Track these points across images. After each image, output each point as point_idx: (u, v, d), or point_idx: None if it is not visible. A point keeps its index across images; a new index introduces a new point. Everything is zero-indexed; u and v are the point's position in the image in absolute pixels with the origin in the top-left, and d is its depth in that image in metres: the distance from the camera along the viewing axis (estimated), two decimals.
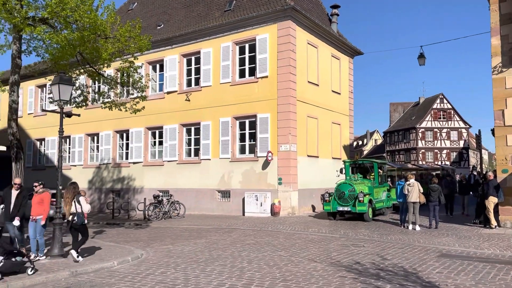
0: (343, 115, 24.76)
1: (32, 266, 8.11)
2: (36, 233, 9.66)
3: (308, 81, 21.34)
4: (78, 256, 9.22)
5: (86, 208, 9.58)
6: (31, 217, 9.78)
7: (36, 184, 10.14)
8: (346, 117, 25.17)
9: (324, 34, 22.82)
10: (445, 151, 61.98)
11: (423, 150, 62.04)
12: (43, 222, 9.70)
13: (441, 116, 62.91)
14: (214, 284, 7.32)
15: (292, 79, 19.88)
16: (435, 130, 62.42)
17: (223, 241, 12.46)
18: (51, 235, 10.06)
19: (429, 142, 62.37)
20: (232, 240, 12.51)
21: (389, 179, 20.35)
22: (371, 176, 18.51)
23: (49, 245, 10.14)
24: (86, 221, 9.65)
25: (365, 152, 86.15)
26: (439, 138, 62.33)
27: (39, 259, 9.41)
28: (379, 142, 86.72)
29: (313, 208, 20.99)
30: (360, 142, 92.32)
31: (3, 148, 10.76)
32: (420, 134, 62.33)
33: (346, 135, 25.18)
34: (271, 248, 11.10)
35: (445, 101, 63.55)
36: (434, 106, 63.23)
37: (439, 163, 58.92)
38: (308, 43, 21.46)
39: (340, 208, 16.61)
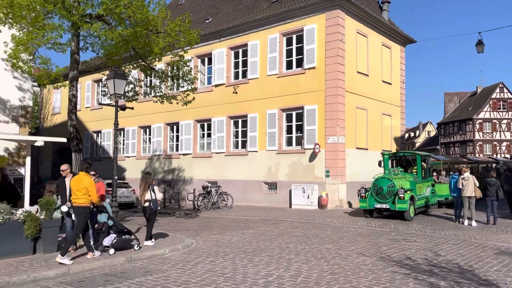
0: (394, 106, 23.97)
1: (138, 243, 9.44)
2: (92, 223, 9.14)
3: (358, 71, 20.84)
4: (152, 241, 10.13)
5: (160, 195, 10.51)
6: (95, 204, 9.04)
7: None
8: (397, 108, 24.35)
9: (374, 23, 22.13)
10: (505, 144, 58.35)
11: (480, 143, 58.77)
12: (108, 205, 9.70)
13: (501, 106, 59.19)
14: (261, 274, 7.40)
15: (340, 70, 19.49)
16: (494, 121, 58.83)
17: (270, 232, 12.54)
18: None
19: (487, 134, 58.96)
20: (279, 232, 12.56)
21: (434, 173, 18.97)
22: (414, 170, 16.93)
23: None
24: (158, 207, 10.44)
25: (417, 145, 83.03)
26: (499, 130, 58.72)
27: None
28: (432, 134, 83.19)
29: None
30: (412, 134, 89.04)
31: (64, 139, 11.40)
32: (477, 126, 59.06)
33: (397, 127, 24.38)
34: (318, 240, 11.03)
35: (505, 90, 59.68)
36: (493, 96, 59.57)
37: (498, 156, 55.63)
38: (357, 32, 20.92)
39: (378, 206, 15.00)
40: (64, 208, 8.82)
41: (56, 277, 7.39)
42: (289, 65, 21.20)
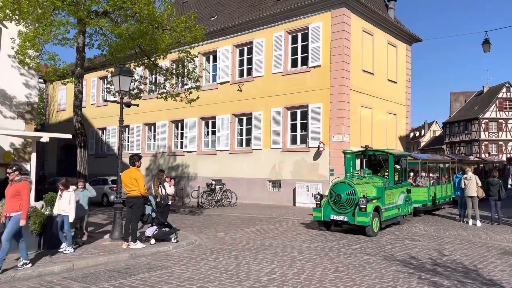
0: (399, 105, 23.87)
1: (176, 236, 10.08)
2: (7, 235, 7.10)
3: (363, 70, 20.76)
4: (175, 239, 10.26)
5: (170, 190, 11.10)
6: (4, 214, 7.31)
7: (9, 170, 7.52)
8: (402, 107, 24.25)
9: (380, 21, 22.03)
10: (511, 143, 57.99)
11: (486, 142, 58.42)
12: (23, 223, 7.17)
13: (507, 106, 58.78)
14: (265, 272, 7.41)
15: (345, 68, 19.43)
16: (500, 121, 58.45)
17: (274, 230, 12.55)
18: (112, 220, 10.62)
19: (493, 134, 58.60)
20: (283, 230, 12.57)
21: (411, 174, 16.32)
22: (386, 173, 13.66)
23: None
24: (170, 202, 11.21)
25: (422, 144, 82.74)
26: (505, 130, 58.34)
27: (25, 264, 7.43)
28: (437, 133, 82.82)
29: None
30: (417, 133, 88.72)
31: (69, 136, 11.47)
32: (483, 125, 58.71)
33: (402, 126, 24.28)
34: (322, 239, 11.03)
35: (511, 90, 59.29)
36: (500, 95, 59.17)
37: (504, 156, 55.32)
38: (363, 31, 20.83)
39: (334, 217, 11.78)
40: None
41: (60, 272, 7.44)
42: (294, 63, 21.16)
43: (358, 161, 14.73)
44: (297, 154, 20.51)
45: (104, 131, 30.91)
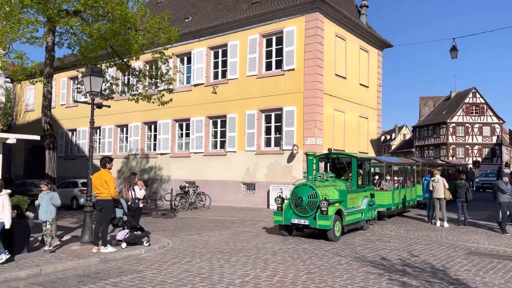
0: (371, 109, 24.36)
1: (148, 239, 9.89)
2: None
3: (336, 74, 21.09)
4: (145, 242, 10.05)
5: (139, 194, 11.02)
6: None
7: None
8: (374, 111, 24.76)
9: (352, 26, 22.45)
10: (476, 147, 60.14)
11: (454, 146, 60.38)
12: None
13: (474, 111, 60.99)
14: (238, 274, 7.41)
15: (319, 72, 19.69)
16: (467, 125, 60.59)
17: (247, 232, 12.56)
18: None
19: (460, 138, 60.63)
20: (257, 232, 12.59)
21: (376, 178, 16.18)
22: (350, 176, 13.42)
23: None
24: (141, 205, 11.15)
25: (393, 147, 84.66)
26: (471, 134, 60.49)
27: None
28: (407, 137, 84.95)
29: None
30: (388, 137, 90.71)
31: (37, 137, 11.14)
32: (451, 129, 60.66)
33: (373, 130, 24.79)
34: (295, 240, 11.12)
35: (477, 95, 61.54)
36: (466, 101, 61.34)
37: (470, 159, 57.28)
38: (336, 35, 21.17)
39: (296, 221, 11.43)
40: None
41: (27, 277, 7.21)
42: (268, 66, 21.28)
43: (323, 164, 14.71)
44: (271, 156, 20.61)
45: (74, 132, 30.18)
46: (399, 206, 16.39)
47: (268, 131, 21.28)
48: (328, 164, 14.16)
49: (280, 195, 12.35)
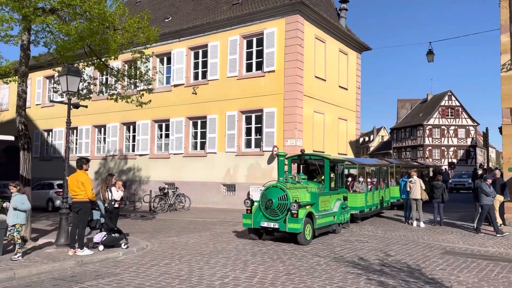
0: (349, 110, 24.66)
1: (126, 242, 9.74)
2: None
3: (315, 76, 21.27)
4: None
5: (116, 195, 10.89)
6: None
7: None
8: (352, 113, 25.07)
9: (332, 29, 22.69)
10: (452, 149, 61.62)
11: (430, 147, 61.73)
12: None
13: (449, 113, 62.52)
14: (218, 276, 7.38)
15: (299, 74, 19.82)
16: (443, 127, 62.06)
17: (227, 234, 12.53)
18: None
19: (436, 139, 62.04)
20: (237, 234, 12.57)
21: (349, 179, 15.85)
22: (323, 178, 13.09)
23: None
24: (117, 206, 10.99)
25: (371, 149, 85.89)
26: (447, 136, 61.97)
27: None
28: (385, 138, 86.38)
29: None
30: (367, 138, 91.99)
31: (11, 138, 10.85)
32: (427, 131, 61.99)
33: (352, 131, 25.10)
34: (274, 241, 11.15)
35: (453, 98, 63.11)
36: (442, 103, 62.84)
37: (446, 161, 58.62)
38: (316, 38, 21.36)
39: (265, 224, 10.97)
40: None
41: (1, 281, 7.01)
42: (249, 68, 21.31)
43: (295, 166, 14.43)
44: (251, 158, 20.62)
45: (50, 133, 29.53)
46: (372, 208, 16.16)
47: (248, 132, 21.29)
48: (301, 166, 13.85)
49: (249, 197, 11.94)
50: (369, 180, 16.57)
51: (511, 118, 13.87)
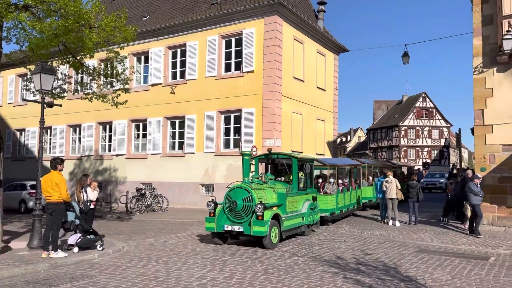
0: (327, 111, 24.92)
1: (101, 243, 9.60)
2: None
3: (294, 77, 21.40)
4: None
5: (91, 196, 10.75)
6: None
7: None
8: (330, 114, 25.35)
9: (310, 30, 22.88)
10: (426, 149, 63.04)
11: (405, 148, 62.98)
12: None
13: (424, 115, 63.94)
14: (196, 277, 7.34)
15: (277, 75, 19.90)
16: (418, 128, 63.42)
17: (206, 234, 12.45)
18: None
19: (411, 140, 63.34)
20: None
21: (319, 180, 15.36)
22: (292, 178, 12.40)
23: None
24: (92, 207, 10.87)
25: (348, 149, 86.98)
26: (421, 136, 63.35)
27: None
28: (362, 139, 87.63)
29: None
30: (344, 139, 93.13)
31: None
32: (402, 132, 63.22)
33: (330, 132, 25.36)
34: (253, 242, 11.15)
35: (427, 99, 64.57)
36: (417, 105, 64.20)
37: (420, 161, 59.93)
38: (294, 39, 21.50)
39: (229, 227, 10.43)
40: None
41: None
42: (228, 68, 21.26)
43: (264, 166, 13.79)
44: (230, 158, 20.57)
45: (23, 132, 28.75)
46: (343, 210, 15.53)
47: (227, 132, 21.24)
48: (269, 166, 13.28)
49: (212, 199, 11.22)
50: (340, 181, 16.01)
51: (483, 119, 14.28)
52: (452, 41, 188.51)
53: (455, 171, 23.09)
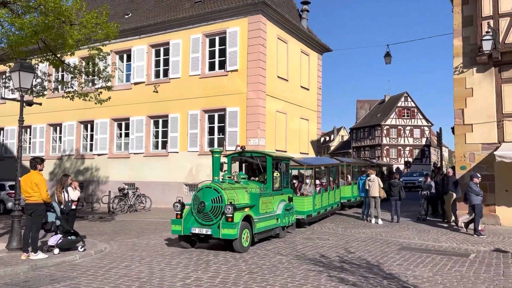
0: (311, 110, 25.04)
1: (83, 244, 9.42)
2: None
3: (278, 76, 21.43)
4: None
5: (73, 195, 10.65)
6: None
7: None
8: (314, 113, 25.47)
9: (294, 30, 22.94)
10: (408, 148, 63.96)
11: (387, 147, 63.76)
12: None
13: (405, 114, 64.83)
14: (179, 277, 7.28)
15: (261, 74, 19.90)
16: (399, 127, 64.28)
17: None
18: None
19: (393, 139, 64.16)
20: None
21: (295, 181, 14.66)
22: (266, 178, 11.73)
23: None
24: (74, 207, 10.76)
25: (332, 148, 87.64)
26: (403, 135, 64.23)
27: None
28: (345, 138, 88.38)
29: None
30: (327, 138, 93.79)
31: None
32: (385, 131, 63.99)
33: (314, 131, 25.49)
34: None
35: (409, 99, 65.49)
36: (399, 104, 65.05)
37: (402, 159, 60.76)
38: (278, 38, 21.52)
39: (196, 230, 9.71)
40: None
41: None
42: (211, 67, 21.16)
43: (237, 164, 13.01)
44: None
45: (2, 131, 28.08)
46: (321, 212, 14.88)
47: (211, 131, 21.15)
48: (243, 164, 12.65)
49: (179, 200, 10.41)
50: (318, 181, 15.31)
51: (463, 118, 14.55)
52: (433, 42, 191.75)
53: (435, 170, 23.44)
